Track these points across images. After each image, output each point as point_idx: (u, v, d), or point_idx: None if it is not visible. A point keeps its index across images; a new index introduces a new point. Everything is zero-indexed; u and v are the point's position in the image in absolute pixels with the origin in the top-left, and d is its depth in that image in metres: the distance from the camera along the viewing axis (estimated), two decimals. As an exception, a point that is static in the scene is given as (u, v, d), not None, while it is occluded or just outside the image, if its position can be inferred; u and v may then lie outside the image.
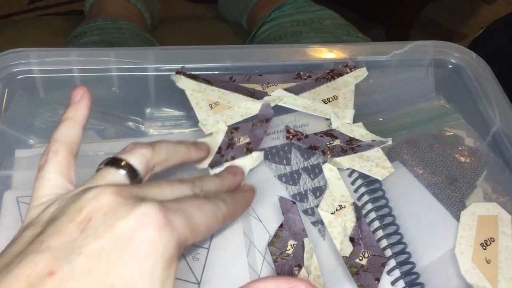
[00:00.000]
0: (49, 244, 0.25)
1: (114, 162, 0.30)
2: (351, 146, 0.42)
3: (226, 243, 0.37)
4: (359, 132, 0.43)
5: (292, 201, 0.39)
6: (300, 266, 0.36)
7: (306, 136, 0.43)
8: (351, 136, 0.43)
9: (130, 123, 0.47)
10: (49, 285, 0.23)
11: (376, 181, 0.41)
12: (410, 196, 0.41)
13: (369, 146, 0.42)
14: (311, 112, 0.44)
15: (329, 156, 0.42)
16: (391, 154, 0.44)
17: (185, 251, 0.36)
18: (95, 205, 0.25)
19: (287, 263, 0.36)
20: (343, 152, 0.42)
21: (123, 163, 0.30)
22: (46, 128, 0.45)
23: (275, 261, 0.36)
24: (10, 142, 0.43)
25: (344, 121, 0.44)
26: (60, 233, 0.25)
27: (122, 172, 0.30)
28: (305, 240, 0.37)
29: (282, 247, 0.37)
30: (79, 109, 0.33)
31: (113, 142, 0.45)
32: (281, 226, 0.38)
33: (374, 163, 0.41)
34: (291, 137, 0.43)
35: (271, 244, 0.37)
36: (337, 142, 0.43)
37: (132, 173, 0.30)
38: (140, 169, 0.30)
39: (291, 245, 0.37)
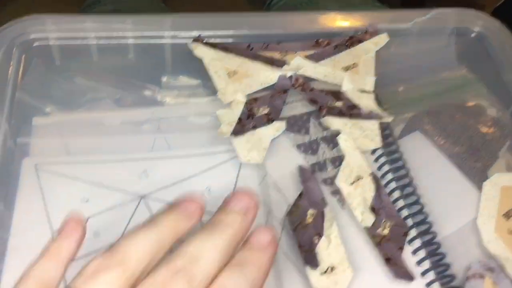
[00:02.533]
0: None
1: None
2: (351, 111, 0.42)
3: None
4: (366, 101, 0.42)
5: (311, 170, 0.39)
6: (320, 235, 0.35)
7: (312, 89, 0.42)
8: (356, 103, 0.42)
9: (147, 92, 0.46)
10: None
11: (396, 151, 0.41)
12: (431, 166, 0.41)
13: (368, 116, 0.41)
14: (331, 80, 0.43)
15: (323, 113, 0.41)
16: (412, 124, 0.43)
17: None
18: None
19: (306, 232, 0.36)
20: (340, 114, 0.41)
21: None
22: (63, 96, 0.45)
23: (294, 230, 0.36)
24: (27, 110, 0.43)
25: (359, 87, 0.43)
26: None
27: None
28: (326, 209, 0.37)
29: (302, 216, 0.37)
30: (66, 245, 0.26)
31: (130, 110, 0.45)
32: (300, 195, 0.38)
33: (364, 133, 0.40)
34: (297, 85, 0.42)
35: (290, 213, 0.37)
36: (339, 103, 0.42)
37: None
38: None
39: (310, 214, 0.37)
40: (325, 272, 0.34)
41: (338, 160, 0.41)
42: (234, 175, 0.40)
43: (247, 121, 0.41)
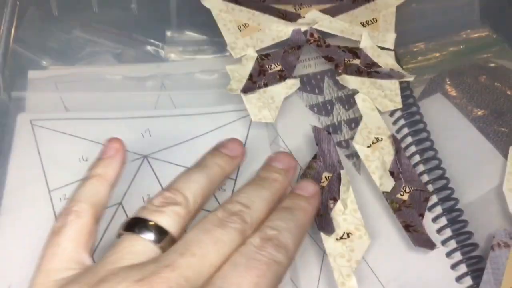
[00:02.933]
0: None
1: (138, 224, 0.25)
2: (369, 70, 0.39)
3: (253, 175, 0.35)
4: (386, 60, 0.40)
5: (327, 131, 0.36)
6: (335, 199, 0.33)
7: (328, 46, 0.40)
8: (375, 61, 0.39)
9: (149, 47, 0.44)
10: None
11: (416, 113, 0.38)
12: (453, 130, 0.38)
13: (388, 75, 0.39)
14: (348, 36, 0.40)
15: (340, 71, 0.39)
16: (433, 86, 0.41)
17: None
18: None
19: (321, 195, 0.34)
20: (358, 72, 0.39)
21: (150, 224, 0.25)
22: (60, 49, 0.42)
23: (308, 194, 0.34)
24: (22, 62, 0.40)
25: (378, 45, 0.40)
26: None
27: (150, 236, 0.24)
28: (342, 172, 0.34)
29: (316, 179, 0.34)
30: (112, 166, 0.29)
31: (132, 66, 0.42)
32: (314, 157, 0.35)
33: (384, 93, 0.38)
34: (312, 41, 0.40)
35: (304, 175, 0.35)
36: (356, 61, 0.39)
37: (162, 235, 0.25)
38: (173, 231, 0.25)
39: (325, 177, 0.35)
40: (341, 238, 0.32)
41: (354, 122, 0.38)
42: (243, 136, 0.38)
43: (258, 78, 0.38)
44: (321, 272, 0.32)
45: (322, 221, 0.33)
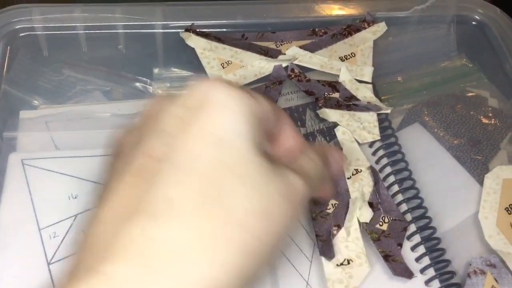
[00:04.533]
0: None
1: None
2: (348, 103, 0.40)
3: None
4: (364, 92, 0.41)
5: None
6: (339, 226, 0.34)
7: (308, 80, 0.41)
8: (354, 94, 0.41)
9: (138, 84, 0.45)
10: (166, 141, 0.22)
11: (395, 143, 0.39)
12: (431, 159, 0.39)
13: (366, 108, 0.40)
14: (327, 70, 0.42)
15: (320, 105, 0.40)
16: (411, 116, 0.42)
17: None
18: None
19: (325, 222, 0.35)
20: (337, 106, 0.40)
21: None
22: (51, 89, 0.43)
23: (314, 219, 0.35)
24: (13, 103, 0.41)
25: (356, 78, 0.42)
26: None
27: None
28: (350, 201, 0.35)
29: (323, 205, 0.36)
30: None
31: (120, 103, 0.44)
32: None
33: (362, 125, 0.39)
34: (293, 76, 0.41)
35: (311, 201, 0.36)
36: (336, 95, 0.41)
37: None
38: None
39: (332, 204, 0.36)
40: (341, 264, 0.33)
41: (335, 153, 0.39)
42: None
43: (241, 114, 0.39)
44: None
45: (324, 246, 0.34)
